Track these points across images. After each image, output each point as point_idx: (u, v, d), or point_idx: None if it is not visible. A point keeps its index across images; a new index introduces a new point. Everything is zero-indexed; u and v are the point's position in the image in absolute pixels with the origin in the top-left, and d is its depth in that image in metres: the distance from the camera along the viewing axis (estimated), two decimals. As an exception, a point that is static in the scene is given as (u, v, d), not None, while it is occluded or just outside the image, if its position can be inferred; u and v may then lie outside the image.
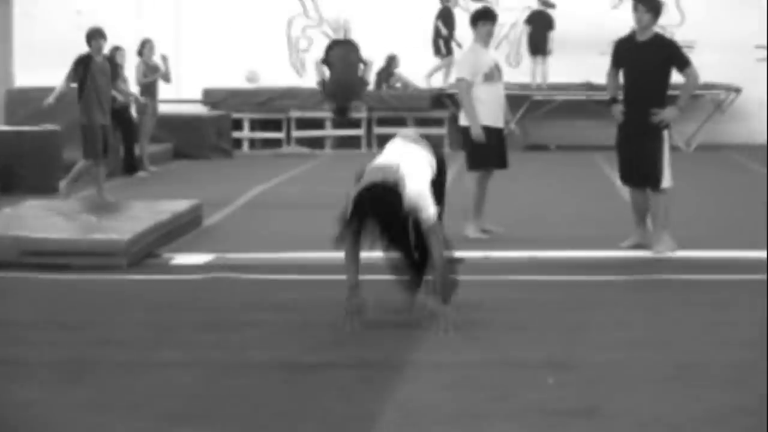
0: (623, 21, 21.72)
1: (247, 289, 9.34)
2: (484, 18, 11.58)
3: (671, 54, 10.52)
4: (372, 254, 10.44)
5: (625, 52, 10.62)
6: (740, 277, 9.49)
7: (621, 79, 10.73)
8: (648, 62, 10.42)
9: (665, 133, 10.42)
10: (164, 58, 19.08)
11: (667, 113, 10.35)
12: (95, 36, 14.05)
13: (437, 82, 22.98)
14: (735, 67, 22.16)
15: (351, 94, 21.92)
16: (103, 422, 5.82)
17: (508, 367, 6.70)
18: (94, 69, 13.87)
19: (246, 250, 10.95)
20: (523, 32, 23.25)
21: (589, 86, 22.42)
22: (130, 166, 18.03)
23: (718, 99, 22.42)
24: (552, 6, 22.71)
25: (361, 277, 8.23)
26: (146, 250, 10.53)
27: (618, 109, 10.59)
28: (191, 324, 8.10)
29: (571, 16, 22.61)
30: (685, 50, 10.79)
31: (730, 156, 19.80)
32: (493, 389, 6.22)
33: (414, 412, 5.87)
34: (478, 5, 22.38)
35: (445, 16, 22.35)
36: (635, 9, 10.58)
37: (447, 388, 6.27)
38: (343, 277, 8.07)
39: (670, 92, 10.67)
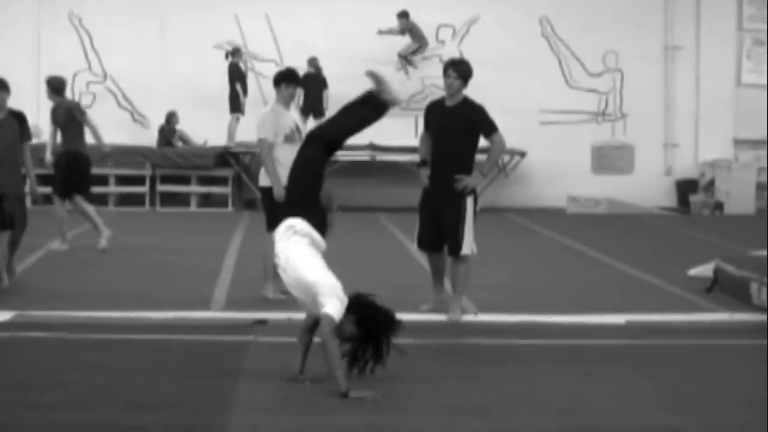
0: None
1: (54, 349, 9.10)
2: (287, 80, 11.55)
3: (478, 119, 10.57)
4: (185, 314, 10.46)
5: (434, 115, 10.70)
6: (545, 342, 9.65)
7: None
8: (455, 127, 10.50)
9: (469, 200, 10.44)
10: None
11: (471, 180, 10.43)
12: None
13: (219, 140, 22.76)
14: (520, 131, 21.75)
15: None
16: None
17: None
18: None
19: (47, 308, 10.65)
20: (299, 95, 23.36)
21: (373, 147, 22.62)
22: None
23: (502, 162, 22.48)
24: (319, 69, 22.70)
25: (174, 337, 8.17)
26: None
27: (425, 173, 10.64)
28: (0, 385, 7.85)
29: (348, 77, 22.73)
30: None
31: (514, 219, 20.27)
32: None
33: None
34: (265, 64, 22.76)
35: (237, 73, 22.29)
36: (446, 74, 10.65)
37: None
38: (152, 337, 7.92)
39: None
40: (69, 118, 15.26)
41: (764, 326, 10.25)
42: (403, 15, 23.16)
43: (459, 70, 10.63)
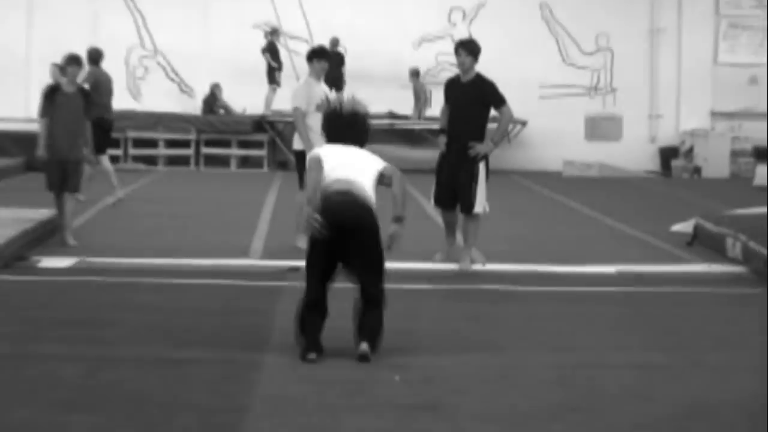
0: (421, 59, 22.62)
1: (110, 291, 9.14)
2: (318, 56, 11.55)
3: (488, 93, 10.50)
4: (226, 262, 10.45)
5: (452, 91, 10.64)
6: (545, 289, 9.62)
7: None
8: (468, 100, 10.45)
9: (481, 165, 10.40)
10: None
11: (483, 147, 10.39)
12: (70, 63, 11.64)
13: (257, 109, 22.69)
14: (522, 102, 21.87)
15: None
16: (16, 419, 5.53)
17: (356, 366, 6.65)
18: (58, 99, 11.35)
19: (105, 255, 10.64)
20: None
21: (392, 115, 22.58)
22: None
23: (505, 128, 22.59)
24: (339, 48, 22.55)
25: (217, 281, 8.12)
26: (16, 254, 10.23)
27: (442, 140, 10.62)
28: (64, 321, 7.88)
29: (366, 54, 22.54)
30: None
31: (516, 180, 20.23)
32: (346, 385, 6.20)
33: (278, 405, 5.80)
34: (297, 41, 22.68)
35: (273, 50, 22.24)
36: (457, 54, 10.63)
37: (305, 384, 6.21)
38: (198, 281, 7.86)
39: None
40: (95, 85, 14.98)
41: (738, 276, 10.28)
42: (416, 74, 22.83)
43: (469, 48, 10.60)
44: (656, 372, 6.76)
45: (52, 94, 11.29)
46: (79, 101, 11.33)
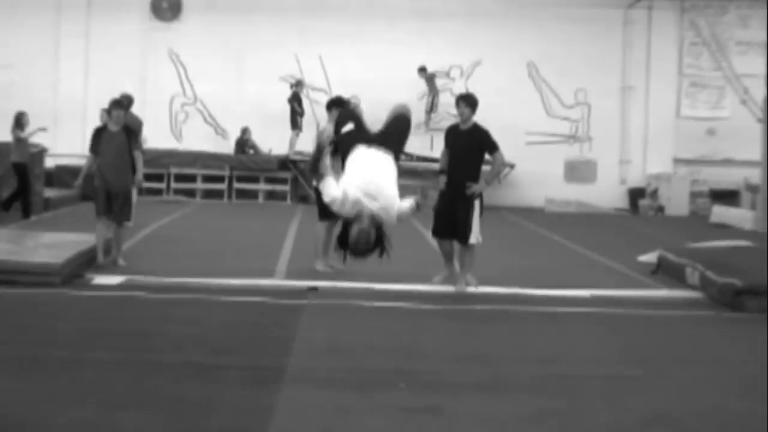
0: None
1: (154, 306, 9.16)
2: (337, 105, 11.50)
3: (483, 140, 10.47)
4: (254, 282, 10.45)
5: (451, 137, 10.64)
6: (530, 309, 9.62)
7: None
8: (466, 146, 10.43)
9: (476, 202, 10.37)
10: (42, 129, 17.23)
11: (477, 186, 10.36)
12: (114, 106, 11.55)
13: (282, 149, 22.74)
14: (511, 148, 21.59)
15: None
16: (53, 412, 5.61)
17: (366, 373, 6.70)
18: (104, 138, 11.32)
19: (149, 274, 10.66)
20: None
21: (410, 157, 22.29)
22: (26, 211, 16.40)
23: (495, 171, 22.15)
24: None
25: (247, 299, 8.09)
26: (73, 272, 10.27)
27: (442, 180, 10.62)
28: (114, 331, 7.90)
29: (380, 103, 22.42)
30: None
31: (505, 215, 20.22)
32: (358, 389, 6.22)
33: (300, 406, 5.82)
34: (318, 93, 22.73)
35: (297, 99, 22.33)
36: (458, 105, 10.63)
37: (323, 388, 6.23)
38: (230, 299, 7.84)
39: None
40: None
41: (696, 301, 10.27)
42: (423, 69, 23.02)
43: (468, 101, 10.62)
44: (626, 382, 6.77)
45: (99, 134, 11.32)
46: (123, 138, 11.29)
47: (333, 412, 5.70)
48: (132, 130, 11.76)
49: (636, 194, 23.62)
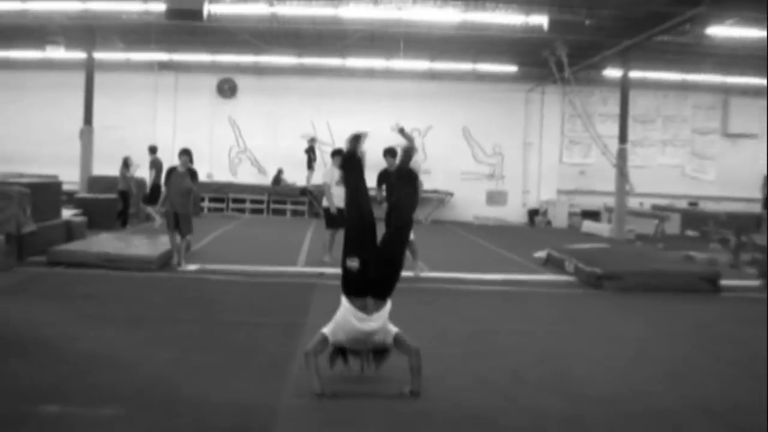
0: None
1: (217, 284, 9.06)
2: (337, 154, 11.48)
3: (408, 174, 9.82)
4: (282, 268, 10.34)
5: (385, 176, 10.15)
6: (462, 287, 9.54)
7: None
8: (398, 182, 9.71)
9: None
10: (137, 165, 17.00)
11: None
12: (181, 154, 10.96)
13: (302, 182, 22.66)
14: (451, 183, 22.66)
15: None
16: (150, 354, 5.55)
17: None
18: (173, 175, 10.74)
19: (215, 263, 10.60)
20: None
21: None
22: (124, 223, 16.00)
23: (441, 197, 22.57)
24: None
25: (278, 280, 7.98)
26: (164, 261, 10.20)
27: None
28: (191, 300, 7.86)
29: (374, 154, 22.35)
30: (423, 174, 10.01)
31: (449, 227, 20.22)
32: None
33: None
34: (326, 146, 22.67)
35: (312, 150, 22.28)
36: (385, 156, 9.88)
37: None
38: (267, 279, 7.77)
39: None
40: (156, 166, 15.44)
41: (571, 283, 10.28)
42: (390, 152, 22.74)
43: (391, 154, 9.93)
44: (526, 335, 6.78)
45: (170, 173, 11.02)
46: (186, 176, 10.90)
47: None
48: (194, 172, 11.27)
49: (533, 213, 23.66)
